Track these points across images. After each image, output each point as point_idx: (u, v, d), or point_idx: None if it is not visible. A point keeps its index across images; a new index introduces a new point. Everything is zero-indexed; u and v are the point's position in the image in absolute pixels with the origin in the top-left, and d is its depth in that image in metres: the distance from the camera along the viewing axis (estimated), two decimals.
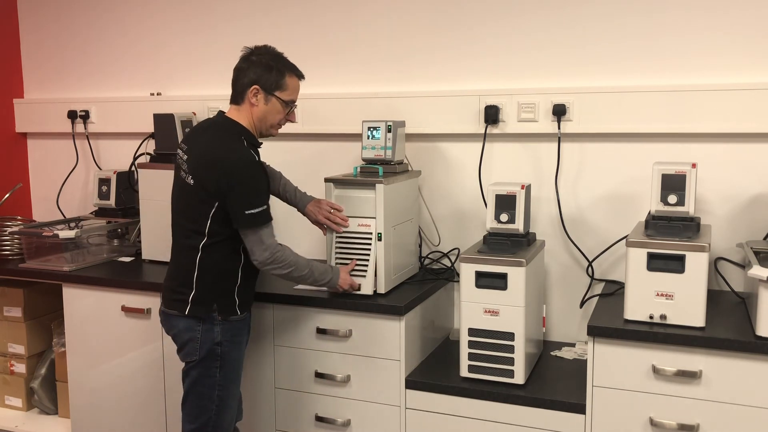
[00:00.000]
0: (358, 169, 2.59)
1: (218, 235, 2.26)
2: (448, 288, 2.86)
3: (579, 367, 2.46)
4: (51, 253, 3.13)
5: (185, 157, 2.32)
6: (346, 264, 2.50)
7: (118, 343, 2.88)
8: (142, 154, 3.29)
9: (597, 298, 2.50)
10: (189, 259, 2.29)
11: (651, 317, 2.15)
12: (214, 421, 2.31)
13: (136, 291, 2.80)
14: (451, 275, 2.85)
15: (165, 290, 2.38)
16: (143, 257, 3.08)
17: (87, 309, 2.92)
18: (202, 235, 2.26)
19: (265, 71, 2.29)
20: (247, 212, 2.20)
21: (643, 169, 2.57)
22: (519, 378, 2.30)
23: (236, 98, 2.33)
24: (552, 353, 2.64)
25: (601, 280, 2.70)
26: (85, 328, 2.94)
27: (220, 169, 2.21)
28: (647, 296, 2.16)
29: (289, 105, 2.35)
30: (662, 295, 2.14)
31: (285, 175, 2.72)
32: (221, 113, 2.37)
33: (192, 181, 2.27)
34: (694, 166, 2.25)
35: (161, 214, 2.68)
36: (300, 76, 2.37)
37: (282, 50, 2.39)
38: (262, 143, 2.39)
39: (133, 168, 3.29)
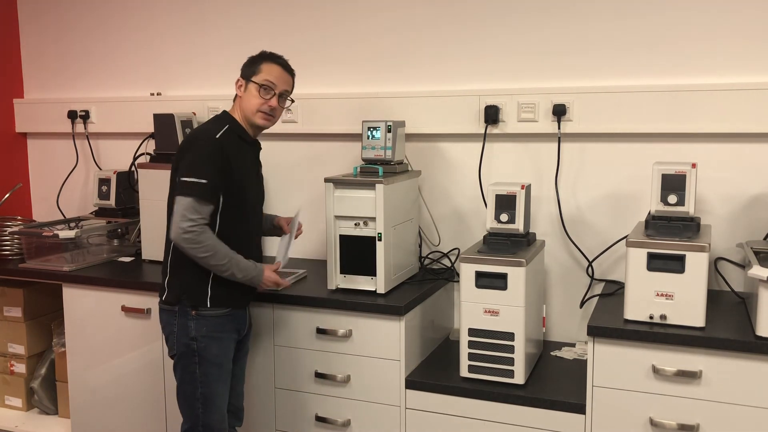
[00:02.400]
0: (358, 169, 2.59)
1: None
2: (448, 288, 2.86)
3: (579, 367, 2.46)
4: (51, 253, 3.13)
5: None
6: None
7: (118, 343, 2.88)
8: (142, 154, 3.29)
9: (597, 298, 2.50)
10: (167, 245, 2.33)
11: (651, 317, 2.15)
12: (202, 420, 2.31)
13: (136, 291, 2.80)
14: (451, 275, 2.85)
15: None
16: (143, 257, 3.08)
17: (87, 309, 2.92)
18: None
19: (247, 64, 2.36)
20: (182, 179, 2.19)
21: (643, 169, 2.57)
22: (519, 378, 2.30)
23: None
24: (552, 353, 2.64)
25: (601, 280, 2.70)
26: (85, 328, 2.94)
27: (183, 143, 2.31)
28: (647, 296, 2.15)
29: (265, 88, 2.31)
30: (662, 295, 2.14)
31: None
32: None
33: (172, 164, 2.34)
34: (694, 166, 2.25)
35: (161, 214, 2.67)
36: (282, 64, 2.37)
37: (282, 51, 2.40)
38: (255, 138, 2.41)
39: (133, 168, 3.29)
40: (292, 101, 2.45)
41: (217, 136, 2.26)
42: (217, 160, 2.22)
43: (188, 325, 2.28)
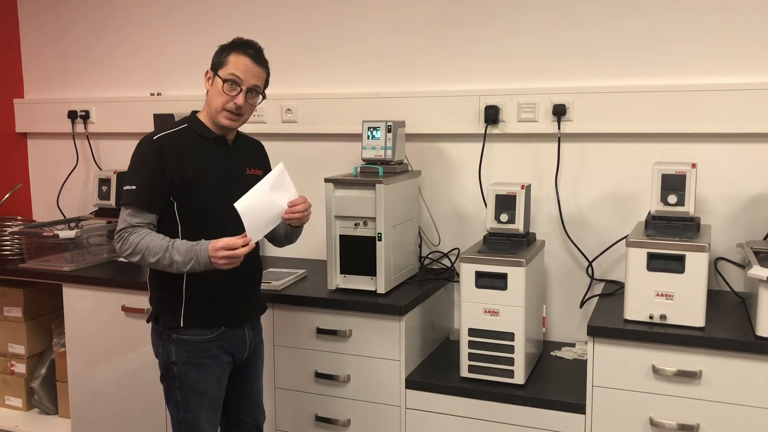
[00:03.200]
0: (358, 169, 2.59)
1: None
2: (448, 288, 2.86)
3: (579, 367, 2.46)
4: (51, 253, 3.13)
5: None
6: None
7: (118, 343, 2.88)
8: None
9: (597, 298, 2.50)
10: None
11: (651, 317, 2.15)
12: None
13: (136, 291, 2.79)
14: (451, 275, 2.85)
15: None
16: None
17: (87, 309, 2.92)
18: None
19: (216, 53, 2.15)
20: (123, 188, 2.09)
21: (643, 169, 2.57)
22: (519, 378, 2.30)
23: None
24: (552, 353, 2.64)
25: (601, 280, 2.70)
26: (85, 328, 2.94)
27: None
28: (647, 296, 2.15)
29: (231, 83, 2.09)
30: (662, 295, 2.14)
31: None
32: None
33: None
34: (694, 166, 2.25)
35: None
36: (251, 55, 2.10)
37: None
38: (223, 135, 2.19)
39: None
40: (264, 97, 2.19)
41: (155, 138, 2.10)
42: (149, 163, 2.07)
43: (169, 349, 2.15)
